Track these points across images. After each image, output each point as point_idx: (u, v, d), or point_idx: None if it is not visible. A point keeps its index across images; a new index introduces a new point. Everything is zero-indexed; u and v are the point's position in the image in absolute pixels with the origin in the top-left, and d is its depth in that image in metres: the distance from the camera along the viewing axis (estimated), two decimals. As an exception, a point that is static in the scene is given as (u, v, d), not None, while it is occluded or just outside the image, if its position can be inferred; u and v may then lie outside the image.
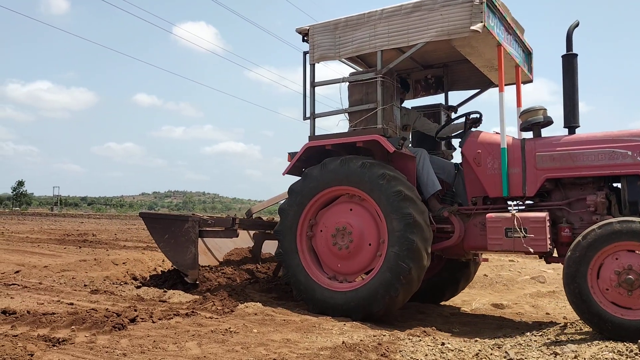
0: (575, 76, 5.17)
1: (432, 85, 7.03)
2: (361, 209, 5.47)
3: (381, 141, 5.34)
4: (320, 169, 5.60)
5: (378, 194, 5.21)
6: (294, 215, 5.73)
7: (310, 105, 6.01)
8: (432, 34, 5.20)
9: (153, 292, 6.05)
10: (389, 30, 5.44)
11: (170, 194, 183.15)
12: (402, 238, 5.01)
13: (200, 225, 6.33)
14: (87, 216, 45.20)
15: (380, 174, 5.22)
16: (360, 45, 5.62)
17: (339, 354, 3.67)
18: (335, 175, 5.49)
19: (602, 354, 3.69)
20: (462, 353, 3.94)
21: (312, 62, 5.96)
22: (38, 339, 3.75)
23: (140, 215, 7.16)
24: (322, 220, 5.68)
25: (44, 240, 13.36)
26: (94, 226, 23.73)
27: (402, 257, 4.98)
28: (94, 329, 4.09)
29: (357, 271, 5.48)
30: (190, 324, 4.49)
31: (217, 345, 3.83)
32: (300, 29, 6.02)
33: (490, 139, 5.47)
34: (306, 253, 5.68)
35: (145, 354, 3.53)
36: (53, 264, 8.02)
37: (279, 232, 5.85)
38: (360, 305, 5.15)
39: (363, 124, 5.63)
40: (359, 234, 5.38)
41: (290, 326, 4.64)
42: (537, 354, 3.92)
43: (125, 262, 8.24)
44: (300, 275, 5.59)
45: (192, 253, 6.23)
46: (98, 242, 13.40)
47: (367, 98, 5.63)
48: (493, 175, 5.34)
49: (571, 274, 4.29)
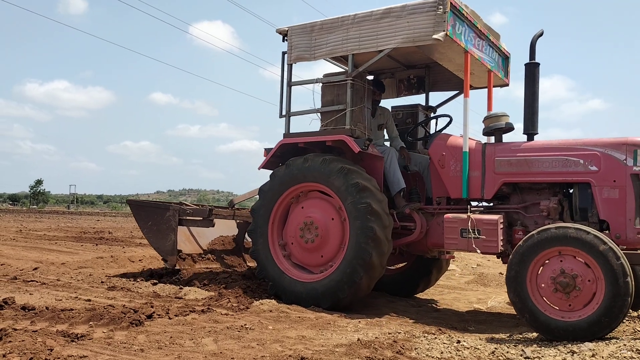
0: (537, 84, 5.34)
1: (415, 85, 7.18)
2: (327, 204, 5.67)
3: (347, 141, 5.50)
4: (285, 168, 5.81)
5: (337, 187, 5.41)
6: (264, 214, 5.92)
7: (286, 104, 6.18)
8: (399, 40, 5.37)
9: (169, 289, 6.10)
10: (360, 35, 5.61)
11: (185, 192, 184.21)
12: (362, 226, 5.20)
13: (180, 214, 6.68)
14: (103, 214, 45.62)
15: (339, 167, 5.41)
16: (333, 47, 5.80)
17: (354, 351, 3.68)
18: (299, 172, 5.68)
19: (620, 353, 3.65)
20: (478, 351, 3.92)
21: (289, 62, 6.14)
22: (57, 334, 3.80)
23: (127, 202, 7.56)
24: (293, 213, 5.88)
25: (61, 238, 13.52)
26: (110, 224, 23.96)
27: (363, 244, 5.17)
28: (111, 325, 4.14)
29: (323, 263, 5.64)
30: (206, 320, 4.52)
31: (233, 342, 3.85)
32: (280, 29, 6.19)
33: (455, 143, 5.66)
34: (278, 249, 5.88)
35: (162, 350, 3.57)
36: (70, 261, 8.11)
37: (252, 232, 6.07)
38: (327, 293, 5.35)
39: (333, 124, 5.81)
40: (324, 228, 5.58)
41: (305, 323, 4.65)
42: (554, 352, 3.88)
43: (142, 259, 8.33)
44: (273, 271, 5.78)
45: (171, 240, 6.57)
46: (114, 240, 13.53)
47: (338, 99, 5.80)
48: (455, 177, 5.55)
49: (512, 277, 4.42)
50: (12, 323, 4.09)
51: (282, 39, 6.20)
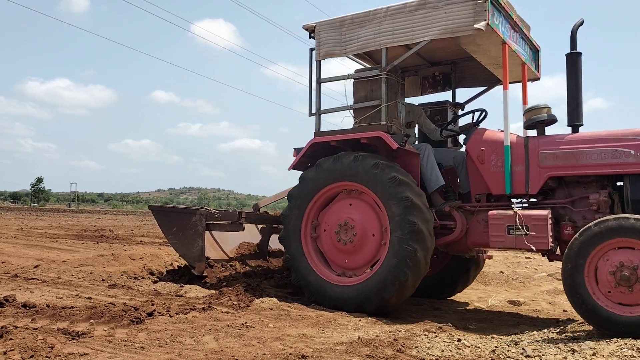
0: (579, 75, 5.18)
1: (440, 82, 7.03)
2: (360, 202, 5.51)
3: (384, 137, 5.35)
4: (315, 170, 5.67)
5: (374, 184, 5.26)
6: (296, 220, 5.77)
7: (316, 102, 6.02)
8: (436, 32, 5.22)
9: (170, 287, 6.11)
10: (393, 28, 5.46)
11: (185, 190, 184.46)
12: (403, 222, 5.03)
13: (207, 218, 6.43)
14: (103, 212, 45.71)
15: (373, 164, 5.28)
16: (365, 42, 5.64)
17: (354, 349, 3.68)
18: (330, 174, 5.54)
19: (621, 351, 3.65)
20: (479, 349, 3.92)
21: (318, 59, 5.99)
22: (58, 332, 3.80)
23: (150, 208, 7.29)
24: (324, 220, 5.73)
25: (62, 236, 13.53)
26: (111, 222, 23.98)
27: (405, 240, 5.00)
28: (112, 323, 4.14)
29: (364, 264, 5.48)
30: (206, 318, 4.52)
31: (234, 340, 3.85)
32: (307, 25, 6.03)
33: (494, 137, 5.48)
34: (313, 254, 5.71)
35: (162, 348, 3.57)
36: (71, 259, 8.12)
37: (283, 239, 5.90)
38: (372, 295, 5.15)
39: (367, 120, 5.66)
40: (361, 226, 5.42)
41: (306, 321, 4.66)
42: (554, 350, 3.88)
43: (142, 257, 8.33)
44: (310, 277, 5.61)
45: (199, 246, 6.34)
46: (115, 238, 13.54)
47: (372, 95, 5.66)
48: (496, 172, 5.37)
49: (568, 272, 4.31)
50: (13, 321, 4.09)
51: (309, 36, 6.06)
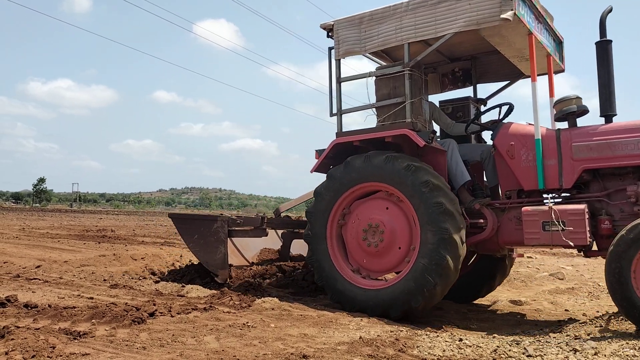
0: (611, 63, 5.02)
1: (460, 79, 6.88)
2: (397, 209, 5.29)
3: (410, 135, 5.21)
4: (343, 168, 5.50)
5: (405, 186, 5.08)
6: (322, 217, 5.62)
7: (337, 102, 5.91)
8: (461, 24, 5.06)
9: (171, 287, 6.11)
10: (415, 22, 5.31)
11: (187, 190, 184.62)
12: (434, 228, 4.87)
13: (229, 224, 6.30)
14: (105, 212, 45.75)
15: (405, 165, 5.09)
16: (386, 38, 5.50)
17: (356, 349, 3.67)
18: (360, 173, 5.38)
19: (623, 351, 3.64)
20: (480, 349, 3.91)
21: (337, 58, 5.86)
22: (59, 332, 3.80)
23: (170, 216, 7.15)
24: (356, 211, 5.53)
25: (64, 236, 13.54)
26: (113, 222, 24.00)
27: (436, 247, 4.84)
28: (113, 323, 4.14)
29: (382, 270, 5.35)
30: (208, 318, 4.52)
31: (235, 340, 3.85)
32: (324, 24, 5.93)
33: (524, 130, 5.32)
34: (338, 255, 5.58)
35: (164, 348, 3.57)
36: (73, 259, 8.13)
37: (308, 237, 5.73)
38: (399, 301, 5.00)
39: (391, 118, 5.51)
40: (390, 235, 5.24)
41: (308, 321, 4.65)
42: (556, 350, 3.87)
43: (144, 257, 8.33)
44: (335, 278, 5.48)
45: (221, 253, 6.19)
46: (117, 238, 13.55)
47: (395, 92, 5.52)
48: (528, 167, 5.21)
49: (613, 271, 4.13)
50: (14, 321, 4.10)
51: (327, 35, 5.96)
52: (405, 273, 5.04)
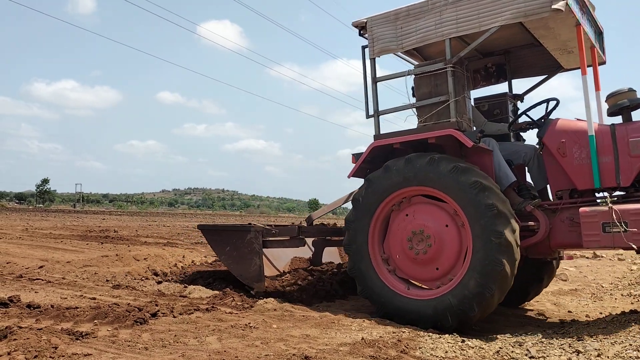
0: None
1: (493, 74, 6.57)
2: (444, 214, 4.99)
3: (457, 136, 4.95)
4: (383, 172, 5.19)
5: (453, 189, 4.78)
6: (362, 226, 5.30)
7: (373, 102, 5.61)
8: (507, 17, 4.80)
9: (174, 288, 6.12)
10: (457, 17, 5.06)
11: (190, 191, 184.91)
12: (487, 232, 4.55)
13: (263, 235, 6.04)
14: (108, 213, 45.83)
15: (451, 167, 4.81)
16: (425, 34, 5.24)
17: (358, 350, 3.67)
18: (402, 177, 5.06)
19: (626, 352, 3.63)
20: (483, 350, 3.91)
21: (372, 57, 5.60)
22: (62, 332, 3.81)
23: (199, 227, 6.90)
24: (399, 217, 5.24)
25: (67, 236, 13.55)
26: (116, 222, 24.03)
27: (491, 252, 4.52)
28: (116, 323, 4.14)
29: (439, 276, 4.99)
30: (210, 319, 4.52)
31: (237, 340, 3.85)
32: (357, 22, 5.70)
33: (575, 127, 5.05)
34: (381, 264, 5.27)
35: (166, 348, 3.57)
36: (76, 260, 8.13)
37: (348, 246, 5.43)
38: (452, 312, 4.68)
39: (434, 118, 5.24)
40: (438, 237, 4.93)
41: (310, 322, 4.65)
42: (559, 351, 3.87)
43: (147, 258, 8.34)
44: (380, 289, 5.15)
45: (256, 265, 5.93)
46: (119, 239, 13.55)
47: (437, 90, 5.25)
48: (581, 165, 4.94)
49: None
50: (17, 321, 4.10)
51: (359, 33, 5.74)
52: (458, 281, 4.73)
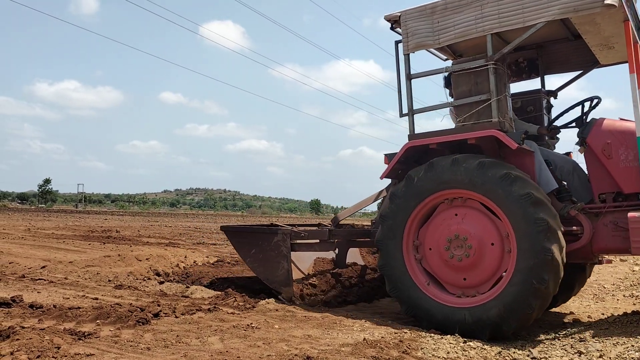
0: None
1: (525, 70, 6.28)
2: (467, 209, 4.80)
3: (500, 137, 4.70)
4: (427, 171, 4.91)
5: (502, 198, 4.51)
6: (398, 223, 5.03)
7: (407, 101, 5.33)
8: (554, 12, 4.57)
9: (176, 288, 6.13)
10: (499, 11, 4.81)
11: (191, 191, 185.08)
12: (536, 248, 4.30)
13: (291, 238, 5.83)
14: (110, 213, 45.88)
15: (503, 174, 4.53)
16: (465, 29, 4.99)
17: (360, 351, 3.67)
18: (446, 178, 4.79)
19: (628, 353, 3.63)
20: (485, 351, 3.91)
21: (406, 52, 5.33)
22: (64, 332, 3.81)
23: (222, 229, 6.65)
24: (426, 237, 4.99)
25: (69, 237, 13.58)
26: (118, 223, 24.07)
27: (536, 269, 4.28)
28: (118, 324, 4.15)
29: (487, 278, 4.71)
30: (212, 319, 4.53)
31: (239, 341, 3.86)
32: (389, 16, 5.43)
33: (622, 127, 4.84)
34: (414, 264, 5.01)
35: (168, 348, 3.58)
36: (78, 260, 8.15)
37: (380, 242, 5.16)
38: (488, 323, 4.46)
39: (474, 117, 5.00)
40: (479, 245, 4.67)
41: (311, 322, 4.65)
42: (560, 352, 3.87)
43: (149, 258, 8.36)
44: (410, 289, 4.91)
45: (284, 269, 5.71)
46: (122, 239, 13.58)
47: (477, 88, 5.01)
48: (628, 168, 4.74)
49: None
50: (20, 321, 4.11)
51: (391, 27, 5.48)
52: (498, 292, 4.52)
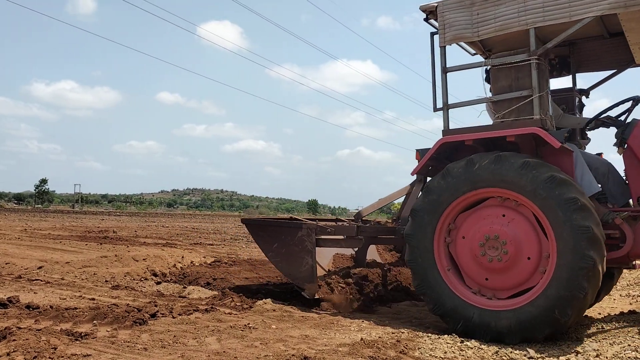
0: None
1: (556, 67, 6.09)
2: (517, 215, 4.54)
3: (542, 135, 4.50)
4: (466, 167, 4.69)
5: (545, 200, 4.31)
6: (430, 218, 4.82)
7: (442, 95, 5.16)
8: (604, 6, 4.36)
9: (173, 288, 6.13)
10: (544, 4, 4.61)
11: (189, 191, 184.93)
12: (578, 256, 4.11)
13: (316, 232, 5.65)
14: (107, 213, 45.80)
15: (548, 176, 4.33)
16: (506, 22, 4.79)
17: (357, 351, 3.67)
18: (487, 175, 4.57)
19: (625, 353, 3.65)
20: (482, 351, 3.92)
21: (442, 45, 5.11)
22: (61, 333, 3.81)
23: (243, 222, 6.49)
24: (464, 225, 4.76)
25: (66, 237, 13.55)
26: (115, 223, 24.03)
27: (577, 278, 4.09)
28: (115, 324, 4.15)
29: (509, 287, 4.53)
30: (209, 319, 4.53)
31: (237, 341, 3.86)
32: (425, 6, 5.23)
33: None
34: (452, 277, 4.76)
35: (165, 349, 3.57)
36: (75, 260, 8.14)
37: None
38: (520, 328, 4.27)
39: (513, 114, 4.81)
40: (515, 244, 4.45)
41: (309, 322, 4.66)
42: (557, 352, 3.89)
43: (146, 259, 8.35)
44: (454, 305, 4.62)
45: (308, 264, 5.53)
46: (118, 239, 13.55)
47: (518, 84, 4.82)
48: None
49: None
50: (16, 322, 4.11)
51: (425, 18, 5.30)
52: (532, 299, 4.32)
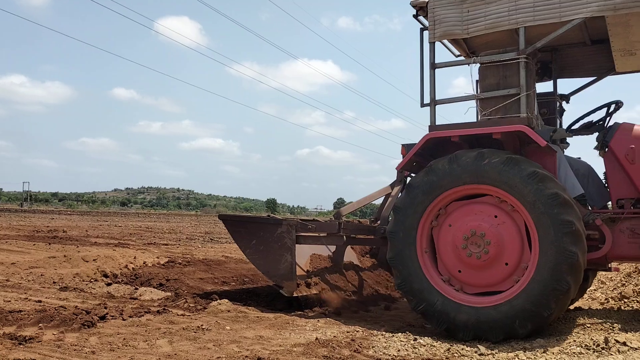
0: None
1: (537, 72, 6.01)
2: (508, 219, 4.51)
3: (529, 133, 4.52)
4: (451, 162, 4.66)
5: (526, 196, 4.33)
6: (412, 215, 4.76)
7: (430, 90, 5.15)
8: (593, 8, 4.40)
9: (124, 289, 5.98)
10: (534, 4, 4.65)
11: (143, 190, 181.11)
12: (560, 250, 4.14)
13: (297, 229, 5.57)
14: (57, 212, 44.46)
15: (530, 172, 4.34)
16: (496, 20, 4.80)
17: (312, 350, 3.67)
18: (470, 171, 4.56)
19: (570, 348, 3.78)
20: (434, 348, 3.98)
21: (431, 41, 5.12)
22: (3, 337, 3.66)
23: (220, 218, 6.32)
24: (454, 213, 4.72)
25: (12, 237, 13.06)
26: (65, 222, 23.34)
27: (559, 272, 4.12)
28: (62, 327, 4.02)
29: (479, 285, 4.56)
30: (161, 321, 4.44)
31: (189, 343, 3.79)
32: (416, 2, 5.21)
33: None
34: (434, 274, 4.70)
35: (114, 352, 3.48)
36: (21, 261, 7.85)
37: (393, 234, 4.84)
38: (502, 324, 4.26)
39: (500, 112, 4.84)
40: (498, 247, 4.44)
41: (264, 323, 4.63)
42: (507, 348, 3.99)
43: (96, 259, 8.12)
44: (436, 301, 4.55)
45: (287, 262, 5.45)
46: (68, 239, 13.16)
47: (505, 82, 4.86)
48: None
49: None
50: (-45, 326, 3.93)
51: (415, 15, 5.27)
52: (515, 294, 4.31)
